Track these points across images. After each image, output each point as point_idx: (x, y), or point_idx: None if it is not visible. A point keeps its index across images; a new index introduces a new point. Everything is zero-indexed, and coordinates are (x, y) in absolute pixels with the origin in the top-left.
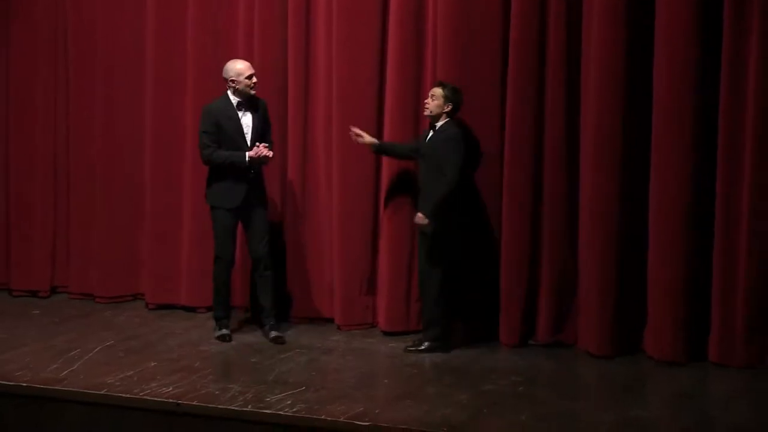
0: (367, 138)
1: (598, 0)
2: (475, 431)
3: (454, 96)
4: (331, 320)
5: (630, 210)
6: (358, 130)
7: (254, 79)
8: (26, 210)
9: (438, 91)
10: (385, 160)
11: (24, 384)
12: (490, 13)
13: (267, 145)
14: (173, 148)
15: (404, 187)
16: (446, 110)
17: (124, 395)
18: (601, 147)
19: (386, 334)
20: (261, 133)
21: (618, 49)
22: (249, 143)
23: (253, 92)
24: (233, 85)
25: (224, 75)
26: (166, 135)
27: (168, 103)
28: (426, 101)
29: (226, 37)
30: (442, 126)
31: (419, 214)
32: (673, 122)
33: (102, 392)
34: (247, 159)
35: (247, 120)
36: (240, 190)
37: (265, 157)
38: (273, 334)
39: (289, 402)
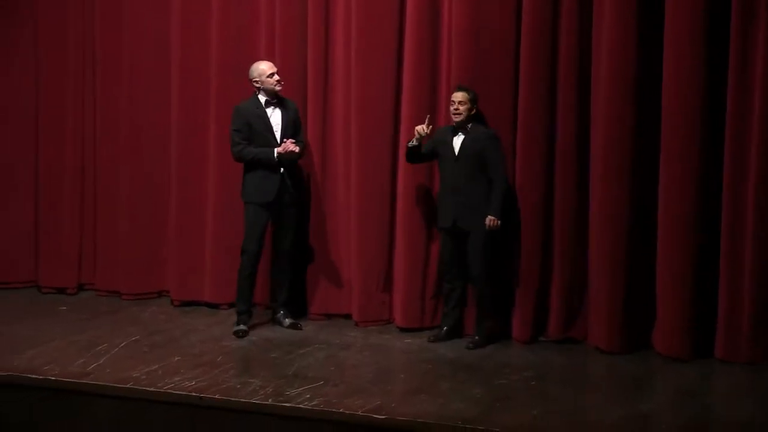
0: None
1: (608, 5)
2: (488, 425)
3: (476, 98)
4: (348, 316)
5: (638, 211)
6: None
7: (277, 77)
8: (54, 208)
9: (465, 95)
10: (401, 163)
11: (52, 378)
12: (503, 17)
13: (294, 141)
14: (197, 146)
15: (419, 188)
16: (473, 113)
17: (148, 389)
18: (611, 150)
19: (402, 330)
20: (292, 131)
21: (628, 54)
22: (279, 140)
23: (278, 88)
24: (258, 84)
25: (250, 77)
26: (190, 133)
27: (192, 102)
28: (456, 107)
29: (248, 37)
30: (471, 128)
31: (491, 217)
32: (681, 127)
33: (127, 386)
34: (275, 155)
35: (276, 118)
36: (272, 185)
37: (292, 152)
38: (288, 321)
39: (308, 396)
